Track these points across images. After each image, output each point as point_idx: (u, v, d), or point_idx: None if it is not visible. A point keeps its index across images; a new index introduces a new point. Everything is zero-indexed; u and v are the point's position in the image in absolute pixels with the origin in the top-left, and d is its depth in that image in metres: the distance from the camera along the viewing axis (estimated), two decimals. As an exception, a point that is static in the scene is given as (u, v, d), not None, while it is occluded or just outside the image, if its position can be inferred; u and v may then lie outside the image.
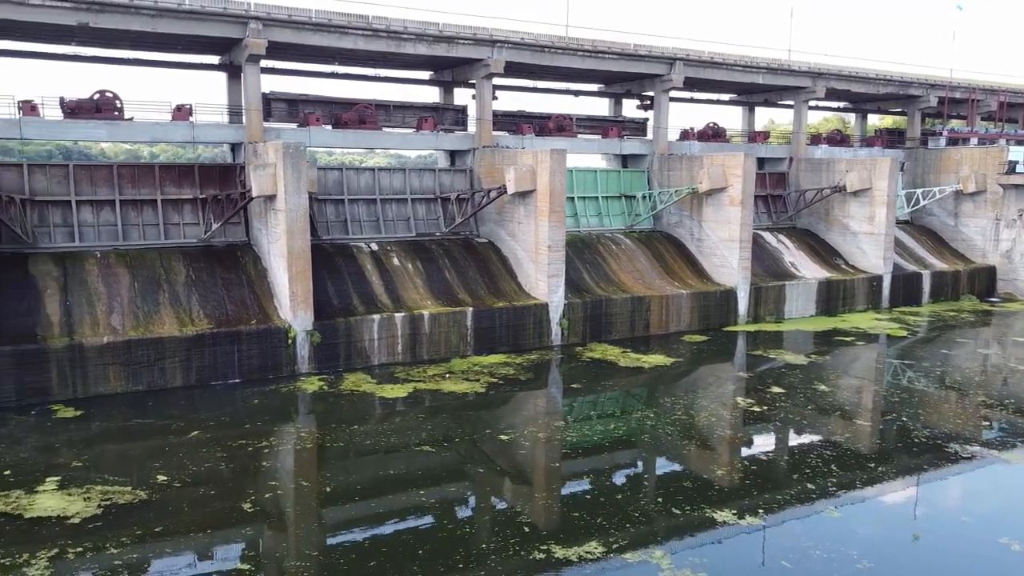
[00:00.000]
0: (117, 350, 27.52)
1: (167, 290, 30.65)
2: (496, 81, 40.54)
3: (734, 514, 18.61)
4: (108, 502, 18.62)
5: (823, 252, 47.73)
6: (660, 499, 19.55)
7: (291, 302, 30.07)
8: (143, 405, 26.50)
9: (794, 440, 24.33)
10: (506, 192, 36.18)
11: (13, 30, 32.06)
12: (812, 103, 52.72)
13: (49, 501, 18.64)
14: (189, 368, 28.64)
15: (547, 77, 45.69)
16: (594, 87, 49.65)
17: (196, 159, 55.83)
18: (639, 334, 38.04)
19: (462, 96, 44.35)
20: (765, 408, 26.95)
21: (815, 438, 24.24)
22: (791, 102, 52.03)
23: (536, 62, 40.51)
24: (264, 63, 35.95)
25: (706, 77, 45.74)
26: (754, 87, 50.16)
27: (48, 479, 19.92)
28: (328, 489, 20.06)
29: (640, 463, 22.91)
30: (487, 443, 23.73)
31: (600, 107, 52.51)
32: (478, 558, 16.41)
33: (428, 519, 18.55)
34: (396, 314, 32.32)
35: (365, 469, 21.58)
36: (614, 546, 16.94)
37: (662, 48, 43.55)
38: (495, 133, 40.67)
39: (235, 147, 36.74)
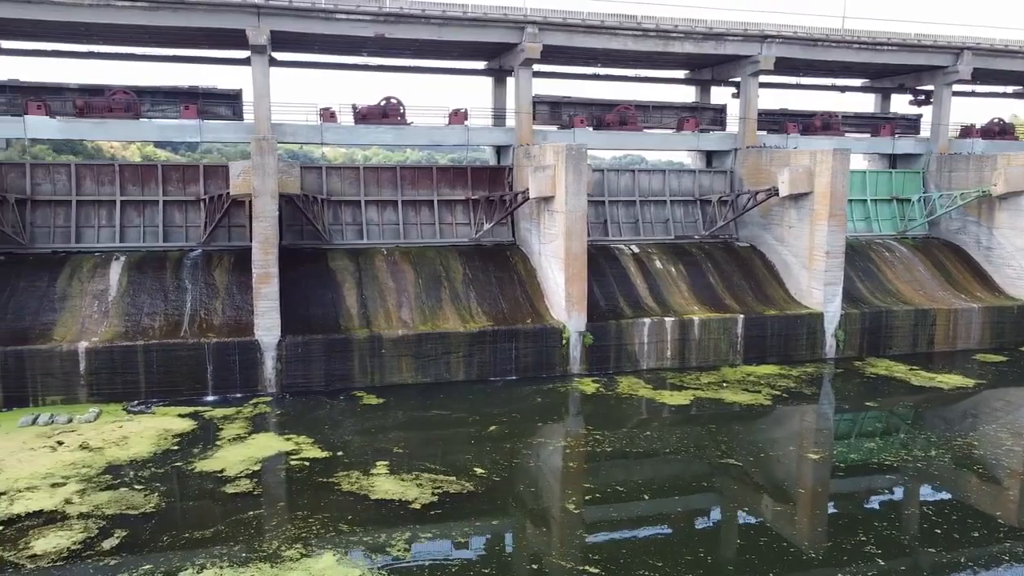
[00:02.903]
0: (409, 343, 28.94)
1: (447, 287, 31.92)
2: (761, 79, 38.73)
3: None
4: (440, 490, 19.33)
5: None
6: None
7: (566, 303, 30.22)
8: (434, 397, 27.63)
9: None
10: (776, 194, 34.38)
11: (314, 43, 34.80)
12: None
13: (387, 484, 19.66)
14: (471, 363, 29.57)
15: (811, 73, 43.08)
16: (858, 82, 46.25)
17: (435, 160, 58.21)
18: (921, 350, 34.75)
19: (718, 95, 42.99)
20: (1117, 444, 23.36)
21: None
22: (1094, 93, 45.63)
23: (806, 57, 38.18)
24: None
25: (997, 68, 41.03)
26: (1050, 77, 44.41)
27: (379, 463, 21.09)
28: (647, 496, 19.60)
29: (981, 499, 20.48)
30: (791, 460, 22.35)
31: (865, 103, 48.93)
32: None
33: (733, 532, 17.60)
34: (666, 318, 31.61)
35: (669, 474, 20.97)
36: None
37: (948, 37, 39.62)
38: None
39: (500, 149, 37.75)
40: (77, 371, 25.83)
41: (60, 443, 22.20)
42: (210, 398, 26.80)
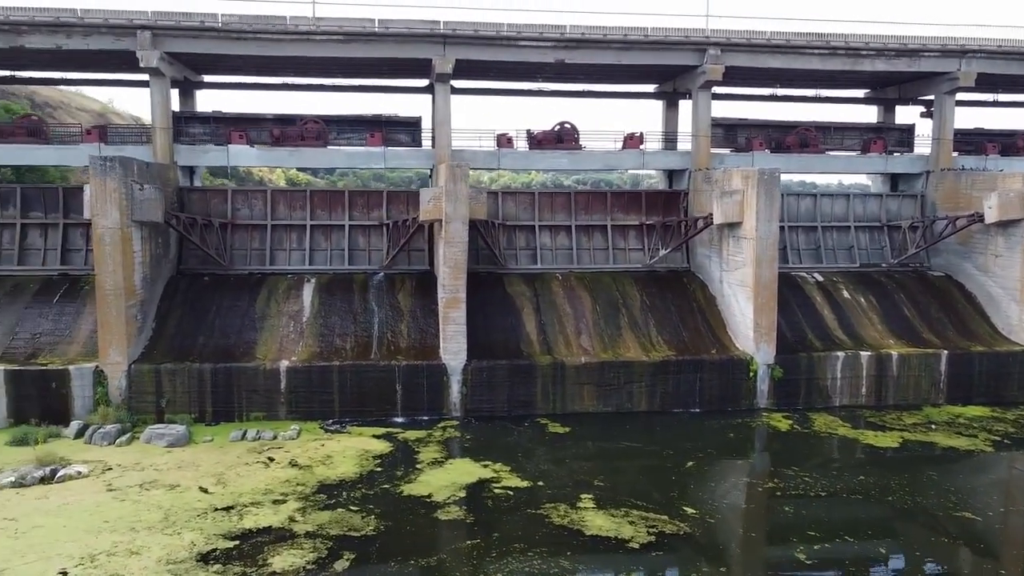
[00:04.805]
0: (591, 371, 28.45)
1: (625, 314, 31.28)
2: (959, 96, 36.16)
3: None
4: (655, 529, 18.56)
5: None
6: None
7: (754, 334, 28.90)
8: (618, 427, 26.95)
9: None
10: (980, 220, 31.77)
11: (491, 70, 35.27)
12: None
13: (598, 520, 19.10)
14: (653, 393, 28.73)
15: (1012, 88, 39.89)
16: (1061, 98, 42.50)
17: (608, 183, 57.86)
18: None
19: (901, 114, 40.56)
20: None
21: None
22: None
23: (1010, 72, 35.31)
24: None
25: None
26: None
27: (583, 496, 20.58)
28: (882, 549, 18.11)
29: None
30: (1036, 516, 20.20)
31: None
32: None
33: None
34: (861, 352, 29.67)
35: (895, 524, 19.33)
36: None
37: None
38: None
39: (671, 173, 36.90)
40: (278, 389, 26.90)
41: (271, 459, 23.03)
42: (399, 419, 27.22)
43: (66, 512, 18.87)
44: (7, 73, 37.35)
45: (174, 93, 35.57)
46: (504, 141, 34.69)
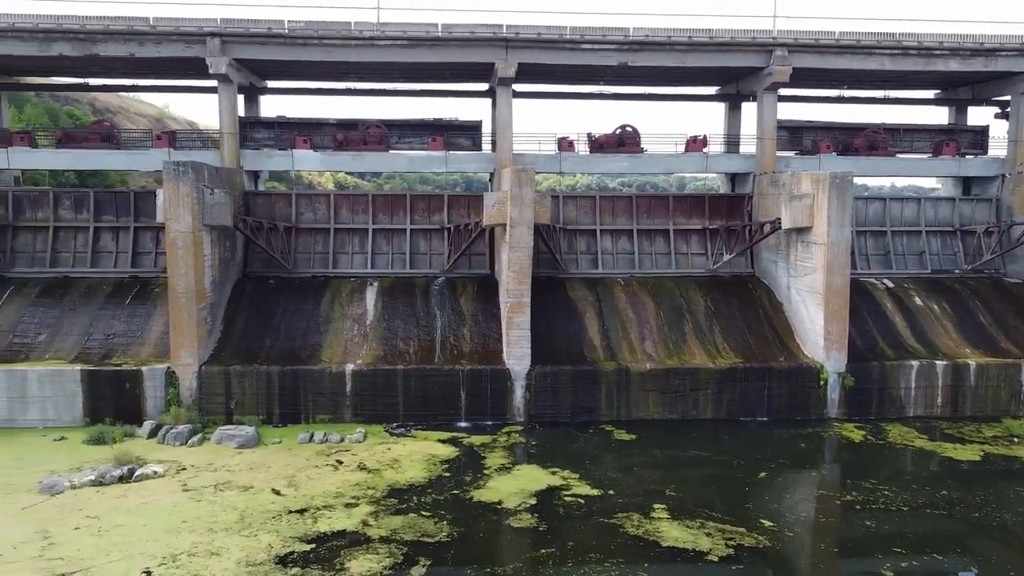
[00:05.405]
0: (657, 377, 28.06)
1: (690, 320, 30.80)
2: (1036, 96, 34.86)
3: None
4: (732, 542, 18.13)
5: None
6: None
7: (824, 341, 28.18)
8: (685, 435, 26.51)
9: None
10: (1062, 225, 30.57)
11: (553, 73, 35.08)
12: None
13: (673, 531, 18.73)
14: (720, 401, 28.22)
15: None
16: None
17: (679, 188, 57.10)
18: None
19: (973, 115, 39.24)
20: None
21: None
22: None
23: (1093, 71, 33.96)
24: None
25: None
26: None
27: (656, 505, 20.23)
28: (973, 568, 17.42)
29: None
30: None
31: None
32: None
33: None
34: (936, 362, 28.73)
35: (986, 543, 18.57)
36: None
37: None
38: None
39: (734, 177, 36.26)
40: (344, 392, 27.06)
41: (340, 462, 23.13)
42: (463, 424, 27.18)
43: (145, 511, 19.18)
44: (79, 80, 38.41)
45: (239, 99, 36.15)
46: (565, 145, 34.46)
